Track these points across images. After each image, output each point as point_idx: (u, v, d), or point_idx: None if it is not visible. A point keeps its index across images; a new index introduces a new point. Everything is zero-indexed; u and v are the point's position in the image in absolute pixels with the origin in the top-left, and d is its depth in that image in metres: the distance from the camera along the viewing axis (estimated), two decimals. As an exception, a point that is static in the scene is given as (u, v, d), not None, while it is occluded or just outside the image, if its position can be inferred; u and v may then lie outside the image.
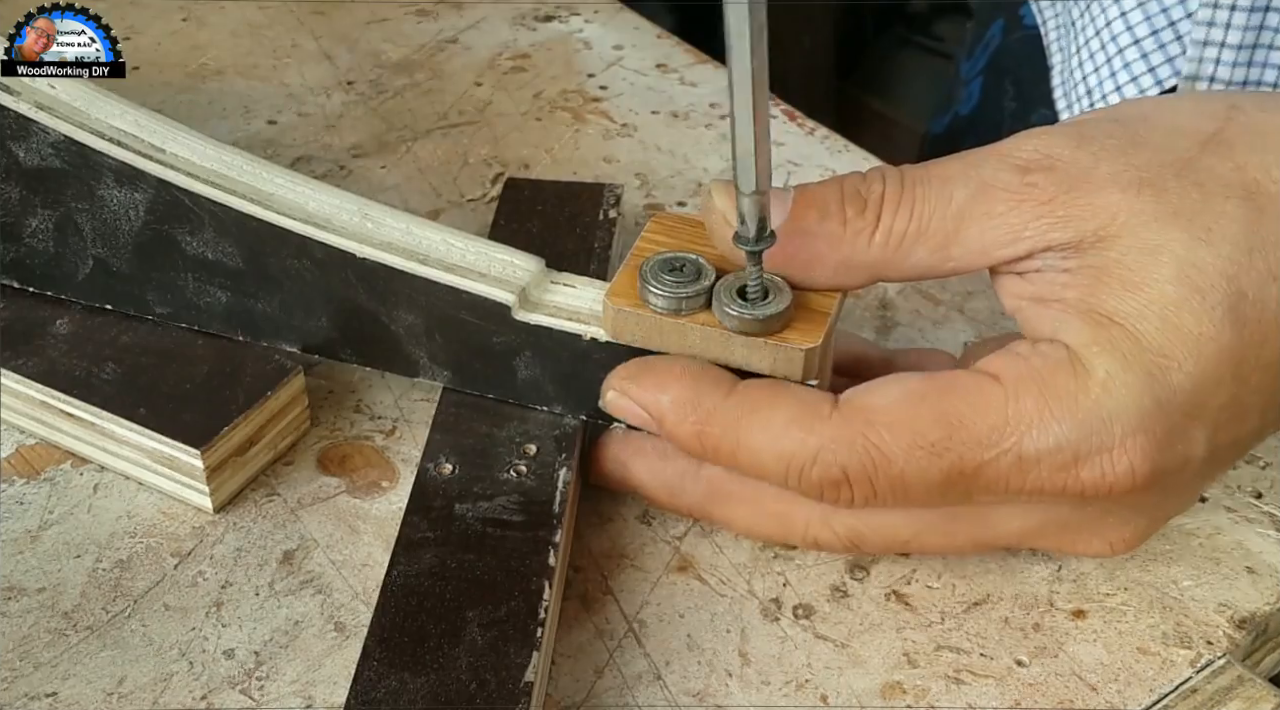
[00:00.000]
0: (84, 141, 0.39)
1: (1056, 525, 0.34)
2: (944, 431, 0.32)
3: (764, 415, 0.33)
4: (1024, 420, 0.31)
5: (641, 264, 0.36)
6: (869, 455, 0.32)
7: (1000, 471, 0.31)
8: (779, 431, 0.33)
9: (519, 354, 0.39)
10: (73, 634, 0.36)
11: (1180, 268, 0.31)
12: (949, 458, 0.32)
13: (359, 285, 0.39)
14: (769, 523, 0.36)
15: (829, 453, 0.32)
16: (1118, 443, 0.31)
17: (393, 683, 0.32)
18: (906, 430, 0.32)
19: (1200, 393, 0.31)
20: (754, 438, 0.33)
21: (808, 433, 0.33)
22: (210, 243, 0.40)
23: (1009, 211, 0.33)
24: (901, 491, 0.32)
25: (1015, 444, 0.31)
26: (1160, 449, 0.31)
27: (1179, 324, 0.31)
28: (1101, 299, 0.32)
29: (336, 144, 0.56)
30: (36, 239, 0.42)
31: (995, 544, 0.36)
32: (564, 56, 0.63)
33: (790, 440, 0.33)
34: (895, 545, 0.36)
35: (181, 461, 0.38)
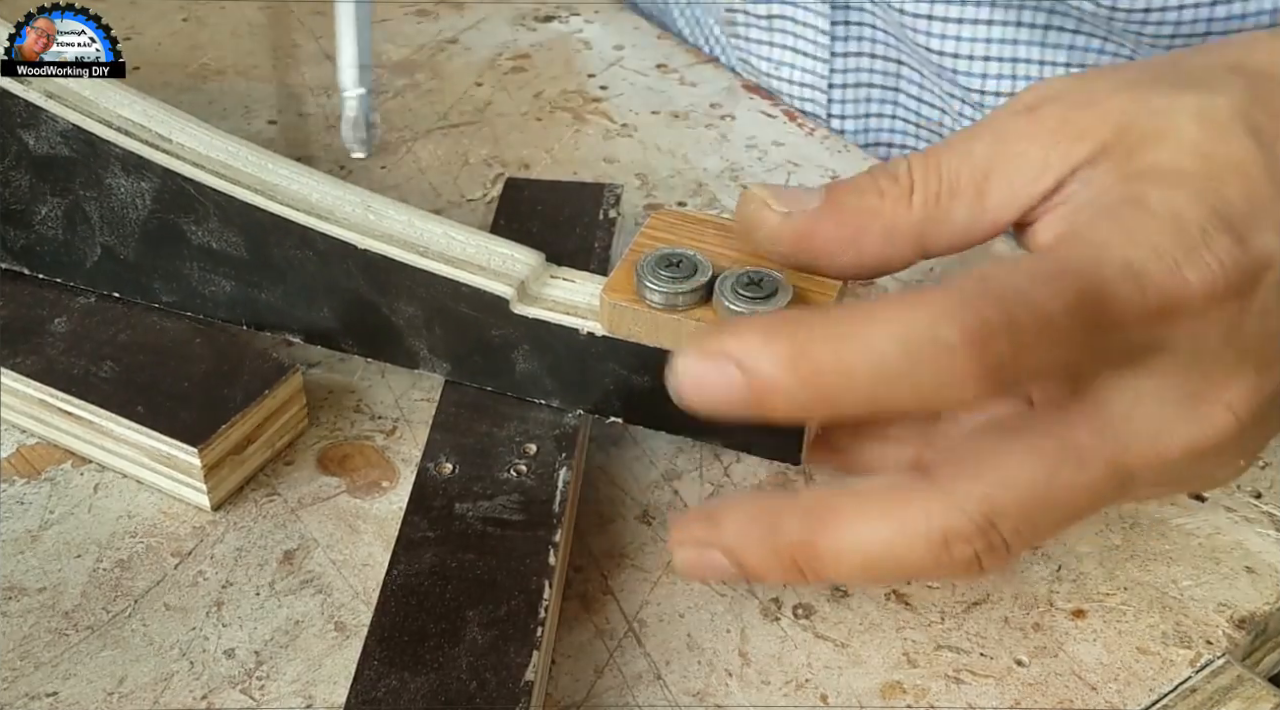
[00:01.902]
0: (92, 130, 0.40)
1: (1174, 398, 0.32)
2: (1055, 263, 0.30)
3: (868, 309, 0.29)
4: (1114, 243, 0.30)
5: (639, 259, 0.36)
6: (1002, 292, 0.28)
7: (1124, 290, 0.30)
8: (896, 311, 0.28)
9: (517, 347, 0.39)
10: (73, 634, 0.36)
11: (1197, 112, 0.32)
12: (1072, 282, 0.29)
13: (360, 276, 0.39)
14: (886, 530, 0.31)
15: (961, 304, 0.28)
16: (1201, 242, 0.31)
17: (393, 682, 0.32)
18: (1024, 269, 0.29)
19: (1255, 203, 0.31)
20: (869, 330, 0.28)
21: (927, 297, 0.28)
22: (215, 232, 0.40)
23: (1028, 146, 0.33)
24: (1047, 328, 0.29)
25: (1122, 258, 0.30)
26: (1238, 245, 0.31)
27: (1212, 153, 0.32)
28: (1134, 162, 0.32)
29: (337, 144, 0.56)
30: (46, 226, 0.42)
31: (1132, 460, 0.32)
32: (564, 56, 0.63)
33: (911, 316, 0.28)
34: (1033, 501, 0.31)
35: (179, 459, 0.38)
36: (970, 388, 0.28)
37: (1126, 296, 0.30)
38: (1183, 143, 0.32)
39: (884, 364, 0.28)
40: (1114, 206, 0.32)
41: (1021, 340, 0.28)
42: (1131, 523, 0.40)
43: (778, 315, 0.31)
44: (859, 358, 0.28)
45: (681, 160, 0.56)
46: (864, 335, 0.28)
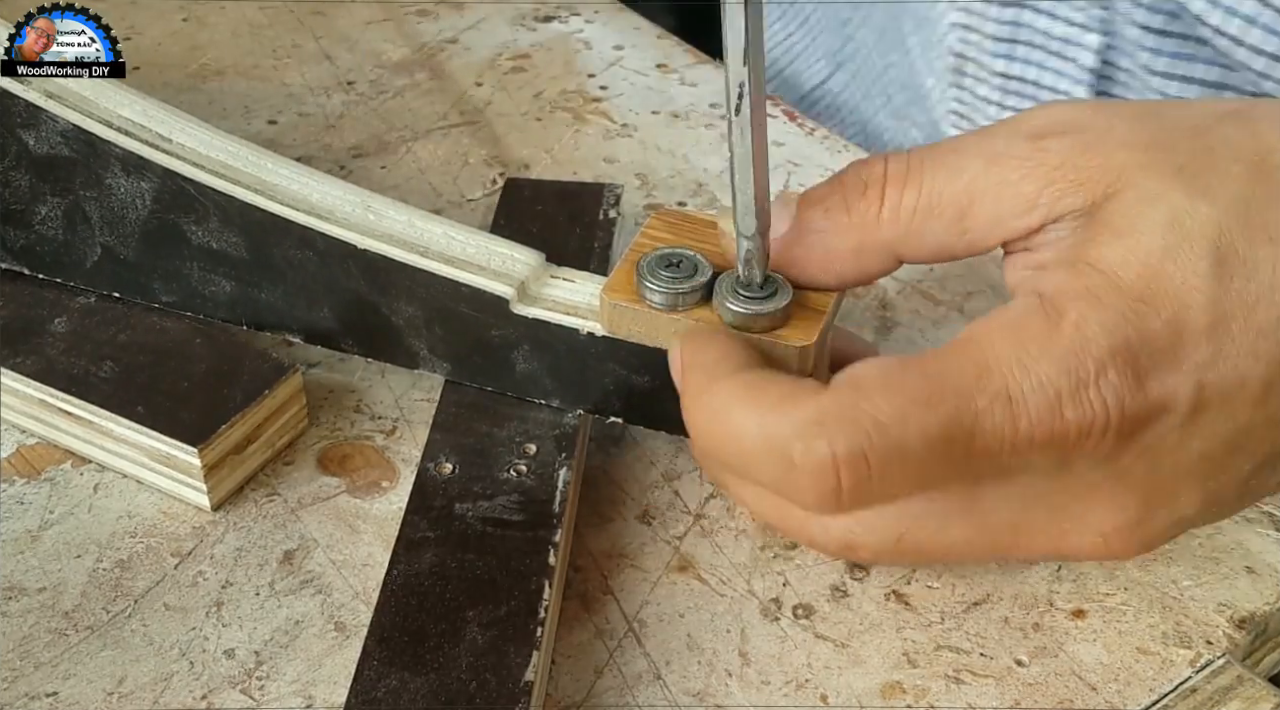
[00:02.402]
0: (92, 130, 0.40)
1: (1046, 509, 0.33)
2: (933, 385, 0.30)
3: (755, 392, 0.31)
4: (1004, 363, 0.30)
5: (639, 259, 0.36)
6: (862, 424, 0.30)
7: (995, 421, 0.30)
8: (768, 405, 0.31)
9: (517, 347, 0.39)
10: (73, 634, 0.36)
11: (1173, 216, 0.31)
12: (943, 410, 0.30)
13: (360, 276, 0.39)
14: (772, 508, 0.34)
15: (817, 428, 0.30)
16: (1093, 378, 0.30)
17: (393, 682, 0.32)
18: (897, 391, 0.30)
19: (1179, 342, 0.30)
20: (741, 416, 0.31)
21: (796, 407, 0.31)
22: (215, 232, 0.40)
23: (1021, 179, 0.33)
24: (899, 462, 0.30)
25: (1002, 386, 0.30)
26: (1134, 388, 0.30)
27: (1161, 271, 0.31)
28: (1087, 248, 0.31)
29: (336, 144, 0.56)
30: (46, 226, 0.42)
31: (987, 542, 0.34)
32: (564, 56, 0.63)
33: (774, 416, 0.31)
34: (887, 545, 0.34)
35: (179, 459, 0.38)
36: (812, 502, 0.31)
37: (996, 428, 0.30)
38: (1138, 250, 0.31)
39: (745, 450, 0.31)
40: (1031, 312, 0.31)
41: (873, 472, 0.30)
42: (1131, 523, 0.40)
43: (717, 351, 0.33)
44: (728, 434, 0.31)
45: (681, 160, 0.56)
46: (739, 418, 0.31)
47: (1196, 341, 0.31)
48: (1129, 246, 0.31)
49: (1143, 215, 0.31)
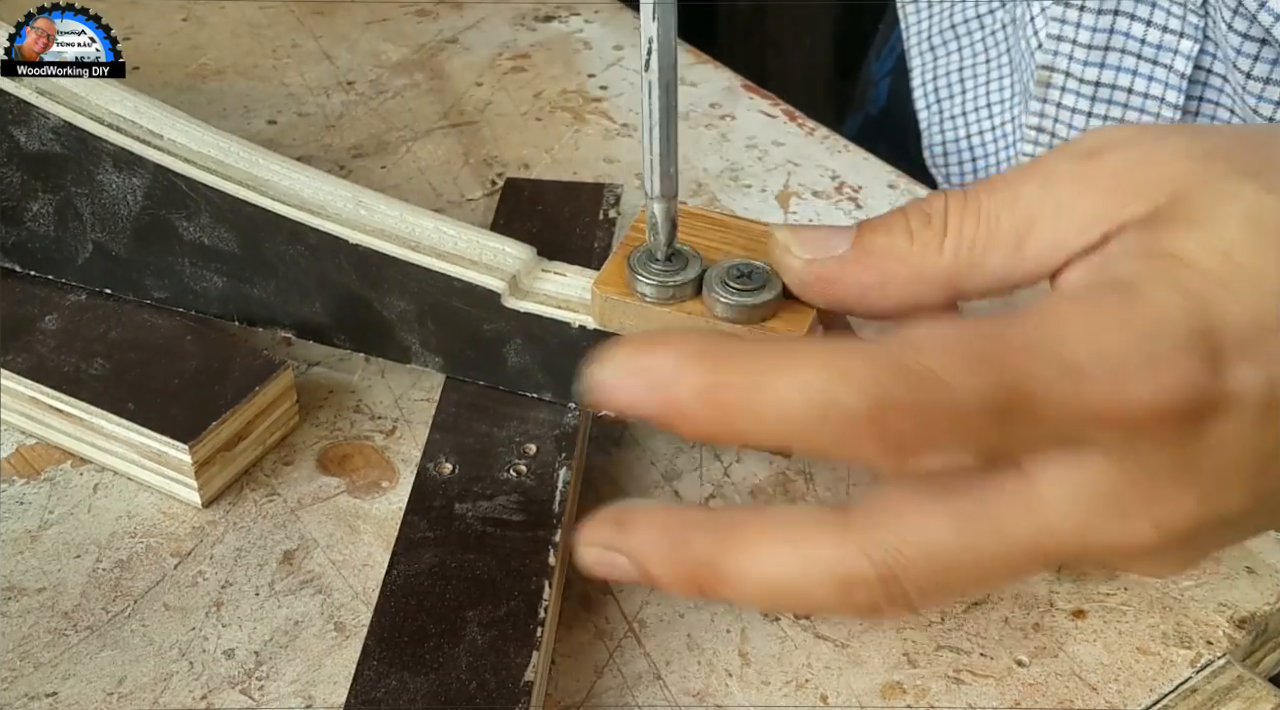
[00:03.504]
0: (83, 127, 0.40)
1: (1107, 499, 0.31)
2: (989, 344, 0.29)
3: (789, 354, 0.29)
4: (1072, 329, 0.29)
5: (630, 253, 0.36)
6: (912, 371, 0.28)
7: (1050, 382, 0.29)
8: (811, 365, 0.28)
9: (509, 341, 0.39)
10: (73, 634, 0.36)
11: (1249, 209, 0.31)
12: (995, 366, 0.29)
13: (352, 271, 0.39)
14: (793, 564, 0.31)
15: (874, 373, 0.28)
16: (1166, 357, 0.29)
17: (393, 682, 0.32)
18: (951, 343, 0.29)
19: (1257, 330, 0.30)
20: (779, 379, 0.28)
21: (846, 357, 0.29)
22: (207, 228, 0.40)
23: (1078, 196, 0.32)
24: (948, 414, 0.29)
25: (1065, 352, 0.29)
26: (1210, 374, 0.29)
27: (1242, 261, 0.30)
28: (1160, 239, 0.31)
29: (336, 144, 0.56)
30: (37, 223, 0.42)
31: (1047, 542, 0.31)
32: (564, 56, 0.63)
33: (822, 374, 0.28)
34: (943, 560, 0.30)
35: (170, 456, 0.38)
36: (868, 455, 0.29)
37: (1057, 395, 0.29)
38: (1217, 238, 0.30)
39: (789, 415, 0.28)
40: (1107, 289, 0.30)
41: (926, 423, 0.28)
42: (1132, 523, 0.40)
43: (702, 339, 0.30)
44: (767, 404, 0.29)
45: (681, 160, 0.55)
46: (776, 382, 0.29)
47: (1275, 334, 0.30)
48: (1207, 235, 0.30)
49: (1218, 207, 0.31)
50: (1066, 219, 0.32)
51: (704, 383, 0.29)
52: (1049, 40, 0.56)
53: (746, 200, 0.53)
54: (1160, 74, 0.55)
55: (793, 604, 0.31)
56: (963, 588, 0.32)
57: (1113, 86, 0.56)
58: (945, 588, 0.31)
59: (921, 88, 0.66)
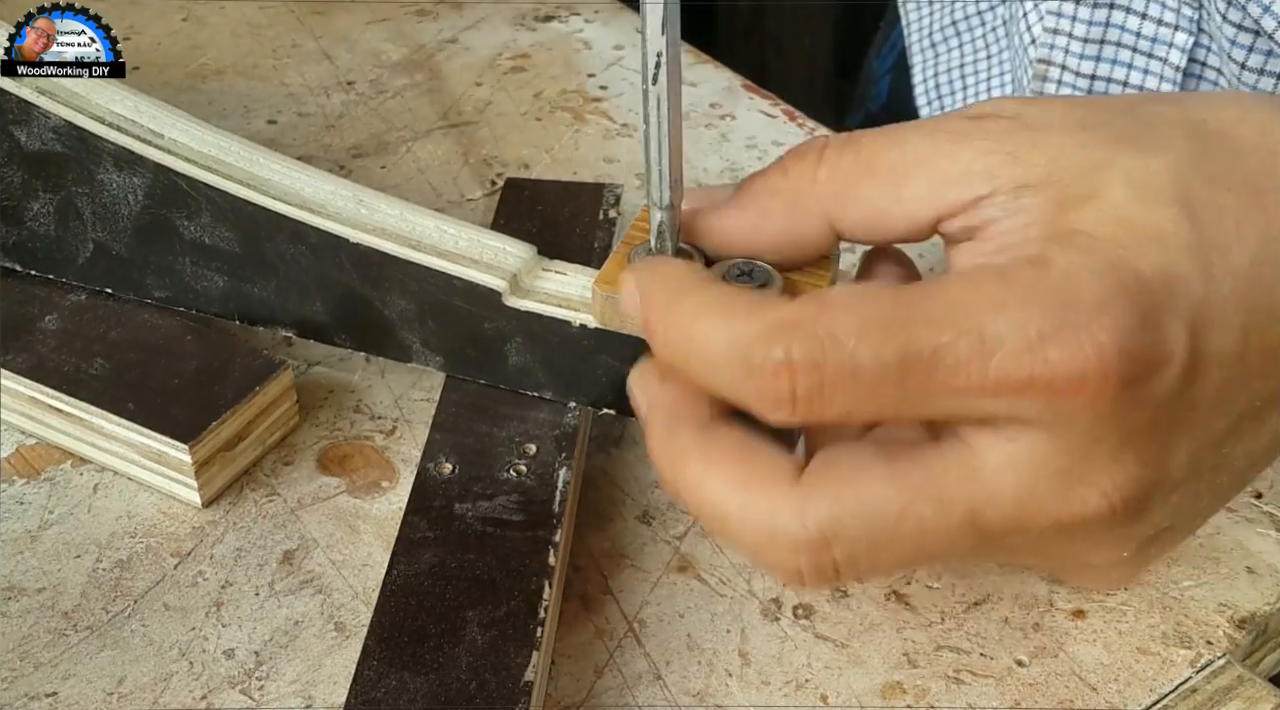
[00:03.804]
0: (84, 126, 0.40)
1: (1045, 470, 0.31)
2: (899, 310, 0.30)
3: (728, 308, 0.31)
4: (983, 301, 0.29)
5: (630, 251, 0.36)
6: (817, 334, 0.30)
7: (960, 355, 0.29)
8: (732, 315, 0.31)
9: (510, 340, 0.39)
10: (73, 634, 0.36)
11: (1129, 174, 0.31)
12: (903, 336, 0.29)
13: (353, 270, 0.39)
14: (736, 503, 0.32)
15: (777, 334, 0.30)
16: (1085, 322, 0.29)
17: (393, 682, 0.32)
18: (859, 310, 0.30)
19: (1169, 284, 0.30)
20: (706, 322, 0.31)
21: (760, 313, 0.30)
22: (207, 227, 0.40)
23: (958, 150, 0.32)
24: (850, 380, 0.29)
25: (975, 324, 0.29)
26: (1131, 331, 0.29)
27: (1136, 221, 0.30)
28: (1055, 220, 0.31)
29: (336, 144, 0.56)
30: (38, 222, 0.42)
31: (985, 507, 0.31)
32: (564, 56, 0.63)
33: (739, 325, 0.30)
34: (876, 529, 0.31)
35: (170, 456, 0.38)
36: (778, 411, 0.30)
37: (965, 365, 0.29)
38: (1108, 206, 0.30)
39: (713, 360, 0.31)
40: (1017, 264, 0.30)
41: (825, 385, 0.30)
42: (1132, 523, 0.40)
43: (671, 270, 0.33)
44: (697, 344, 0.31)
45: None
46: (704, 325, 0.31)
47: (1186, 285, 0.30)
48: (1098, 207, 0.31)
49: (1099, 179, 0.31)
50: (944, 170, 0.33)
51: (659, 311, 0.32)
52: (1045, 34, 0.56)
53: (746, 200, 0.53)
54: (1155, 67, 0.55)
55: (725, 536, 0.32)
56: (898, 560, 0.31)
57: (1108, 79, 0.56)
58: (877, 560, 0.31)
59: (923, 84, 0.66)
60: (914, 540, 0.31)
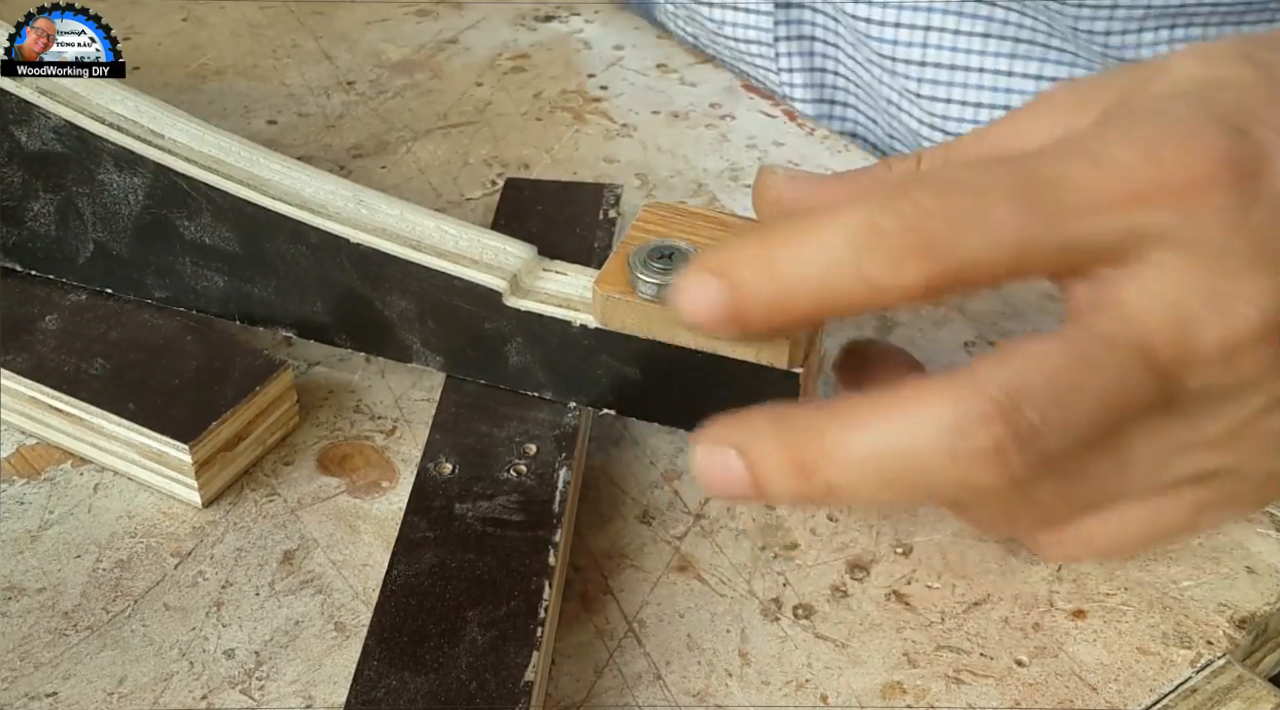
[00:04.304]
0: (84, 126, 0.40)
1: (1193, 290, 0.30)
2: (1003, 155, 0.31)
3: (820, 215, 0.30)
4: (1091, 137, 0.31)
5: (631, 251, 0.36)
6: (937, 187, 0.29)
7: (1083, 175, 0.29)
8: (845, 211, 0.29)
9: (510, 340, 0.39)
10: (73, 634, 0.36)
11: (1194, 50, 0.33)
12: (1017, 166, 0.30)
13: (353, 270, 0.39)
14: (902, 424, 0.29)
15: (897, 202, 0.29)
16: (1190, 131, 0.30)
17: (393, 682, 0.32)
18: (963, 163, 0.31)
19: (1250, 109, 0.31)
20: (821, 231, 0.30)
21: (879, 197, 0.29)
22: (208, 227, 0.40)
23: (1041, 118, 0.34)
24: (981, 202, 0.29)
25: (1090, 150, 0.30)
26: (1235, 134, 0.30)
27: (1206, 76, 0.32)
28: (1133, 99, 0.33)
29: (336, 144, 0.56)
30: (38, 222, 0.42)
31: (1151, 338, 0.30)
32: (564, 56, 0.63)
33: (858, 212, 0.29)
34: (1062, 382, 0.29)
35: (170, 456, 0.38)
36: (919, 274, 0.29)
37: (1090, 183, 0.29)
38: (1180, 73, 0.33)
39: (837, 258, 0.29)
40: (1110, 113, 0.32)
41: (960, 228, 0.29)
42: (1132, 523, 0.40)
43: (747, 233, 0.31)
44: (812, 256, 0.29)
45: (681, 160, 0.56)
46: (820, 233, 0.29)
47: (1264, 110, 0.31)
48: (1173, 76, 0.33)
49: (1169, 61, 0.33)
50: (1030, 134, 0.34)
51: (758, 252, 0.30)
52: None
53: (746, 200, 0.53)
54: None
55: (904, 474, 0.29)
56: (1089, 411, 0.29)
57: None
58: (1070, 412, 0.29)
59: None
60: (1097, 390, 0.29)
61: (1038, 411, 0.28)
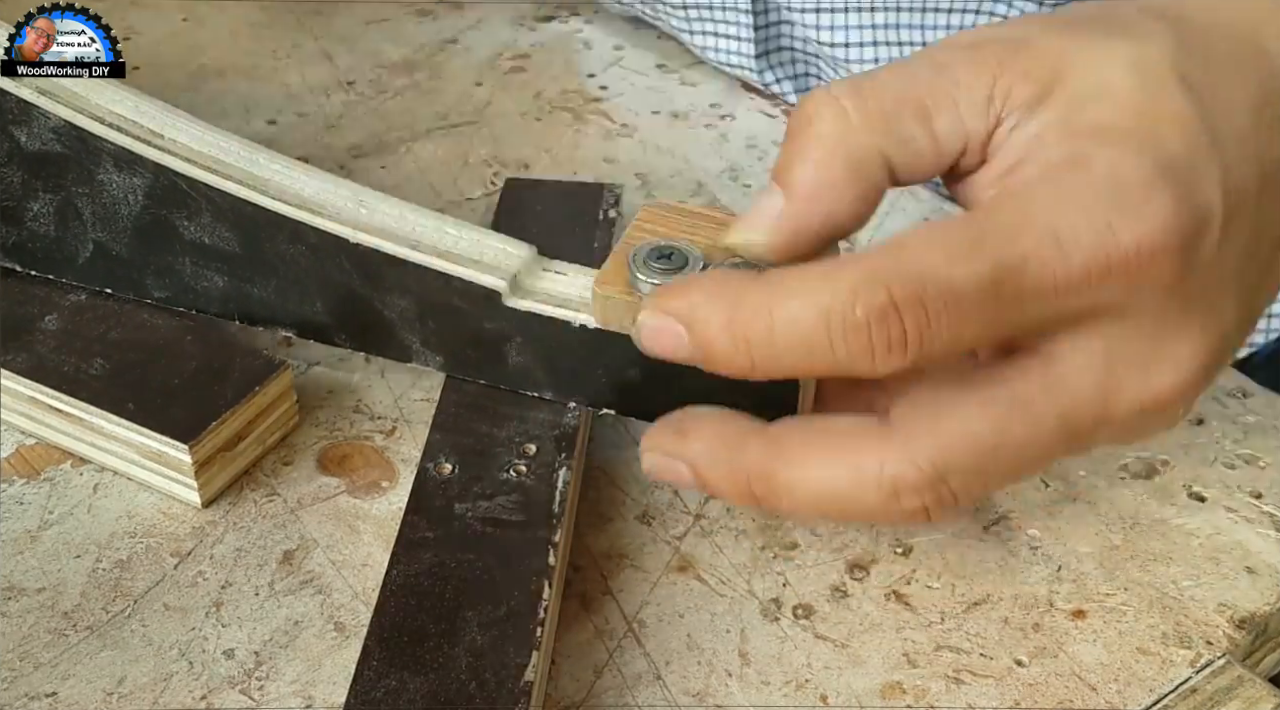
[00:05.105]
0: (83, 126, 0.40)
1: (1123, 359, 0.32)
2: (975, 232, 0.30)
3: (793, 282, 0.31)
4: (1046, 204, 0.31)
5: (630, 251, 0.36)
6: (911, 270, 0.30)
7: (1045, 259, 0.30)
8: (813, 285, 0.30)
9: (510, 340, 0.39)
10: (73, 634, 0.36)
11: (1131, 64, 0.32)
12: (989, 253, 0.30)
13: (353, 270, 0.39)
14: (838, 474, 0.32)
15: (869, 281, 0.30)
16: (1142, 202, 0.30)
17: (392, 682, 0.32)
18: (939, 242, 0.30)
19: (1195, 158, 0.32)
20: (788, 304, 0.31)
21: (842, 272, 0.30)
22: (207, 227, 0.40)
23: (972, 79, 0.33)
24: (954, 305, 0.30)
25: (1048, 223, 0.30)
26: (1181, 201, 0.31)
27: (1151, 109, 0.32)
28: (1073, 121, 0.32)
29: (336, 144, 0.56)
30: (38, 223, 0.42)
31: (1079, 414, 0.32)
32: (564, 56, 0.63)
33: (826, 291, 0.30)
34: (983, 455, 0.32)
35: (170, 456, 0.38)
36: (883, 362, 0.30)
37: (1048, 265, 0.30)
38: (1120, 98, 0.32)
39: (804, 336, 0.30)
40: (1055, 168, 0.32)
41: (931, 318, 0.30)
42: (1131, 523, 0.40)
43: (717, 277, 0.32)
44: (782, 329, 0.31)
45: (681, 160, 0.56)
46: (787, 307, 0.30)
47: (1209, 155, 0.32)
48: (1112, 101, 0.32)
49: (1105, 75, 0.32)
50: (964, 99, 0.33)
51: (724, 316, 0.31)
52: None
53: (746, 200, 0.53)
54: None
55: (843, 513, 0.32)
56: (1005, 477, 0.33)
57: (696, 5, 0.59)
58: (988, 481, 0.32)
59: None
60: (1015, 457, 0.32)
61: (959, 483, 0.32)
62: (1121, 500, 0.40)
